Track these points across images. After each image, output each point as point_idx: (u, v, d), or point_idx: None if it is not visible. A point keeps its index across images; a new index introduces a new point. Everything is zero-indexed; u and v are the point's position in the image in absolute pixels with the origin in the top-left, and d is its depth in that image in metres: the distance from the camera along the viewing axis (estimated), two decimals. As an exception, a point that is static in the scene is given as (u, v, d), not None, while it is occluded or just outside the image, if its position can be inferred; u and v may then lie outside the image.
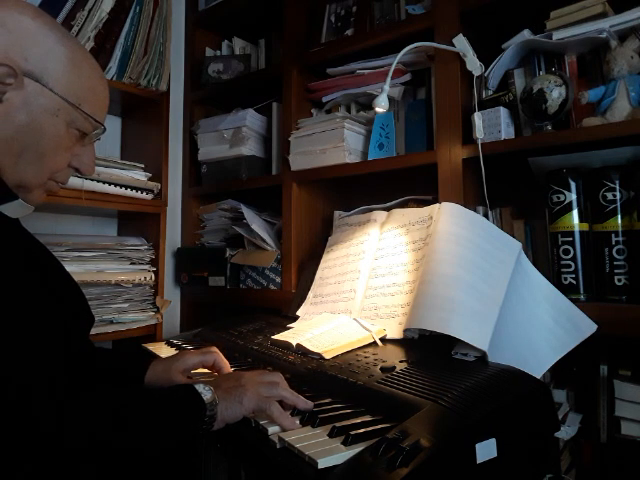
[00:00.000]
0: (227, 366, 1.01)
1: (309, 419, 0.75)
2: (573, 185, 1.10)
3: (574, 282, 1.09)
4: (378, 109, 1.27)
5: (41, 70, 0.79)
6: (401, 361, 0.89)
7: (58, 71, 0.81)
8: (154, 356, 1.14)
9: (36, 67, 0.79)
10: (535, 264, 1.05)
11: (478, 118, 1.23)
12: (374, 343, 1.02)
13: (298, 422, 0.75)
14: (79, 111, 0.83)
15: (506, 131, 1.22)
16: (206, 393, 0.75)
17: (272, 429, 0.73)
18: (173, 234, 1.97)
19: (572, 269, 1.09)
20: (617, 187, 1.06)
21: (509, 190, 1.31)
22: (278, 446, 0.69)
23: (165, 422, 0.73)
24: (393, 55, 1.38)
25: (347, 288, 1.22)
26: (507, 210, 1.25)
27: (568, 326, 0.96)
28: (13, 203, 0.82)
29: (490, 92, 1.32)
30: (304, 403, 0.79)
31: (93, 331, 1.07)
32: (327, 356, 0.98)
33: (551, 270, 1.12)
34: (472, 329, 0.89)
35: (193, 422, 0.74)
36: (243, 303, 1.70)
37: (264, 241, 1.68)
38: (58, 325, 0.81)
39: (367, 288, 1.17)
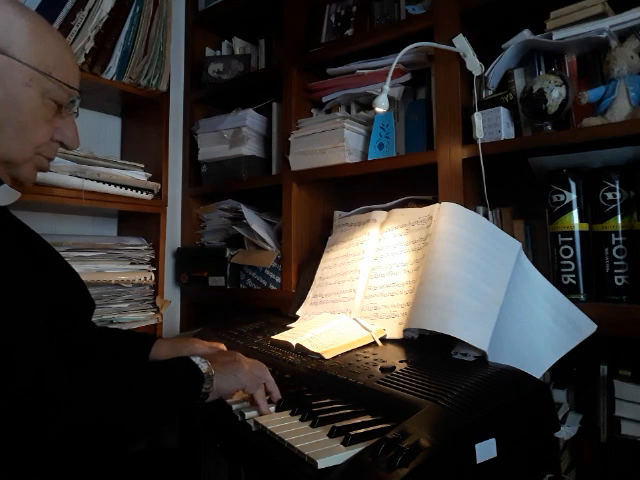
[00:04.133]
0: None
1: (309, 417, 0.75)
2: (573, 185, 1.10)
3: (574, 282, 1.09)
4: (378, 109, 1.27)
5: (6, 43, 0.79)
6: (401, 361, 0.89)
7: (23, 42, 0.80)
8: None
9: (0, 41, 0.79)
10: (535, 264, 1.05)
11: (478, 118, 1.23)
12: (374, 343, 1.02)
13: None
14: (51, 79, 0.83)
15: (506, 131, 1.22)
16: (203, 365, 0.80)
17: (272, 427, 0.73)
18: (173, 234, 1.97)
19: (572, 269, 1.09)
20: (617, 187, 1.06)
21: (509, 190, 1.31)
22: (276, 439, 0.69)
23: (163, 392, 0.76)
24: (393, 55, 1.38)
25: (347, 288, 1.22)
26: (507, 210, 1.25)
27: (568, 326, 0.96)
28: None
29: (490, 92, 1.32)
30: (278, 395, 0.86)
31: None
32: (327, 356, 0.98)
33: (551, 270, 1.12)
34: (472, 329, 0.89)
35: (191, 392, 0.78)
36: (243, 303, 1.70)
37: (264, 241, 1.68)
38: (37, 301, 0.78)
39: (367, 288, 1.17)
